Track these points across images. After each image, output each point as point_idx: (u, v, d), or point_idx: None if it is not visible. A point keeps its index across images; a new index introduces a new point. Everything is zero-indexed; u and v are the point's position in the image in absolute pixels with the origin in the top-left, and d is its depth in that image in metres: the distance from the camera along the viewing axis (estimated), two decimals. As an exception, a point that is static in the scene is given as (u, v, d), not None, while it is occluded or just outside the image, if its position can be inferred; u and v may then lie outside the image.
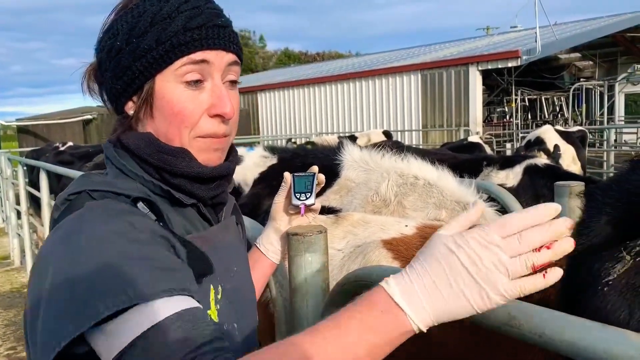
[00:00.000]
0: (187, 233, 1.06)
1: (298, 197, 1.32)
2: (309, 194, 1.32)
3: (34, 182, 7.40)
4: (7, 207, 9.38)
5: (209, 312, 1.02)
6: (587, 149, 10.94)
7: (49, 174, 5.85)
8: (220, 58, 1.06)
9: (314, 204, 1.33)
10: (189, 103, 1.04)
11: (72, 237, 0.88)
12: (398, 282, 0.81)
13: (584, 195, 0.97)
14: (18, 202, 7.78)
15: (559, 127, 8.25)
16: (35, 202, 7.38)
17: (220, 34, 1.05)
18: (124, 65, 1.03)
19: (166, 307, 0.81)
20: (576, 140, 7.66)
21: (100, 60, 1.08)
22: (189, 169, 1.05)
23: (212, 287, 1.05)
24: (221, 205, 1.19)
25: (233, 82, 1.11)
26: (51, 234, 0.95)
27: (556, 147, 6.88)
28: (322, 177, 1.37)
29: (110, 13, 1.08)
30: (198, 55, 1.03)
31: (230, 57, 1.08)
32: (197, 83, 1.04)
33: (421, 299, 0.77)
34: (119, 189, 1.00)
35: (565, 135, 7.54)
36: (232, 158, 1.17)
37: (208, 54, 1.04)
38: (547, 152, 6.44)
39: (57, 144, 9.48)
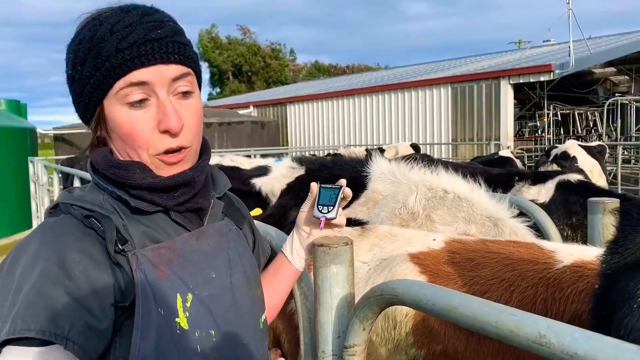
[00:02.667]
0: (155, 242, 1.08)
1: (320, 209, 1.31)
2: (332, 207, 1.31)
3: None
4: (42, 213, 9.61)
5: (177, 320, 1.04)
6: (619, 165, 10.71)
7: (83, 181, 5.98)
8: (160, 74, 1.05)
9: (334, 218, 1.32)
10: (137, 123, 1.05)
11: (17, 255, 1.00)
12: None
13: (619, 213, 0.94)
14: (52, 209, 7.94)
15: (579, 142, 8.16)
16: (68, 209, 7.52)
17: (155, 48, 1.04)
18: (77, 92, 1.08)
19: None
20: (598, 155, 7.57)
21: (68, 88, 1.13)
22: (142, 181, 1.07)
23: (178, 295, 1.06)
24: (200, 211, 1.18)
25: (186, 93, 1.10)
26: (14, 246, 1.05)
27: (573, 158, 6.81)
28: (348, 192, 1.35)
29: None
30: (134, 77, 1.03)
31: (173, 69, 1.07)
32: (141, 102, 1.05)
33: None
34: (82, 203, 1.06)
35: (588, 151, 7.46)
36: (196, 165, 1.15)
37: (145, 73, 1.04)
38: (560, 165, 6.31)
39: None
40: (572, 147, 7.61)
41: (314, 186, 1.36)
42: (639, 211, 0.91)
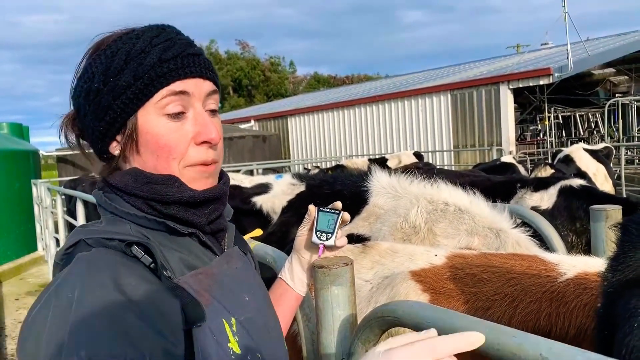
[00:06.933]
0: (190, 268, 1.03)
1: (319, 235, 1.28)
2: (331, 235, 1.28)
3: (72, 211, 7.58)
4: (47, 236, 9.64)
5: (229, 345, 1.00)
6: (623, 165, 10.66)
7: (86, 203, 5.99)
8: (199, 87, 1.07)
9: (333, 245, 1.29)
10: (174, 134, 1.04)
11: (57, 298, 0.89)
12: None
13: (619, 229, 0.93)
14: (57, 231, 7.98)
15: (585, 146, 8.13)
16: (72, 231, 7.54)
17: (195, 62, 1.06)
18: (104, 105, 1.03)
19: None
20: (604, 158, 7.52)
21: (78, 105, 1.08)
22: (181, 194, 1.04)
23: (224, 320, 1.02)
24: (222, 232, 1.17)
25: (213, 111, 1.12)
26: (40, 295, 0.94)
27: (573, 162, 6.91)
28: (347, 216, 1.33)
29: (82, 59, 1.09)
30: (177, 86, 1.03)
31: (208, 85, 1.09)
32: (179, 115, 1.05)
33: None
34: (112, 234, 0.99)
35: (593, 154, 7.42)
36: (223, 181, 1.15)
37: (187, 84, 1.05)
38: (556, 169, 6.29)
39: (93, 174, 9.71)
40: (576, 151, 7.58)
41: (312, 209, 1.33)
42: (638, 226, 0.90)
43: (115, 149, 1.09)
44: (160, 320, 0.90)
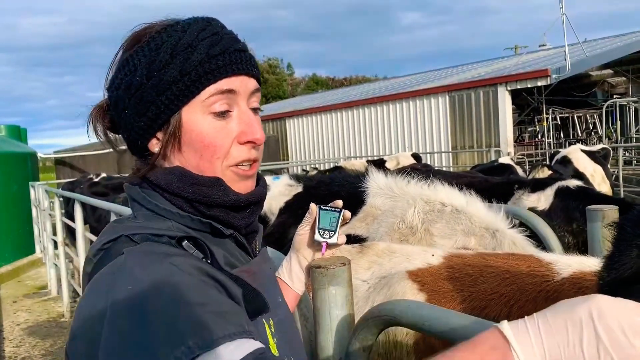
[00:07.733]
0: (231, 267, 1.01)
1: (321, 233, 1.28)
2: (333, 232, 1.28)
3: (70, 213, 7.57)
4: (45, 238, 9.63)
5: (269, 346, 0.98)
6: (620, 167, 10.68)
7: (84, 205, 5.98)
8: (244, 85, 1.04)
9: (336, 243, 1.30)
10: (220, 134, 1.01)
11: (115, 290, 0.82)
12: (513, 325, 0.73)
13: (614, 227, 0.94)
14: (55, 233, 7.97)
15: (583, 147, 8.15)
16: (71, 233, 7.56)
17: (242, 59, 1.04)
18: (147, 100, 0.99)
19: (233, 352, 0.75)
20: (601, 159, 7.54)
21: (116, 98, 1.04)
22: (226, 198, 1.02)
23: (264, 321, 1.01)
24: (254, 234, 1.16)
25: (255, 109, 1.09)
26: (87, 289, 0.89)
27: (571, 163, 6.91)
28: (348, 214, 1.33)
29: (119, 50, 1.05)
30: (225, 84, 1.01)
31: (253, 84, 1.07)
32: (224, 113, 1.02)
33: (532, 344, 0.69)
34: (158, 230, 0.96)
35: (591, 155, 7.43)
36: (262, 183, 1.14)
37: (234, 82, 1.02)
38: (554, 170, 6.31)
39: (91, 176, 9.72)
40: (573, 152, 7.59)
41: (314, 207, 1.32)
42: (633, 225, 0.91)
43: (155, 146, 1.05)
44: (232, 301, 0.88)
